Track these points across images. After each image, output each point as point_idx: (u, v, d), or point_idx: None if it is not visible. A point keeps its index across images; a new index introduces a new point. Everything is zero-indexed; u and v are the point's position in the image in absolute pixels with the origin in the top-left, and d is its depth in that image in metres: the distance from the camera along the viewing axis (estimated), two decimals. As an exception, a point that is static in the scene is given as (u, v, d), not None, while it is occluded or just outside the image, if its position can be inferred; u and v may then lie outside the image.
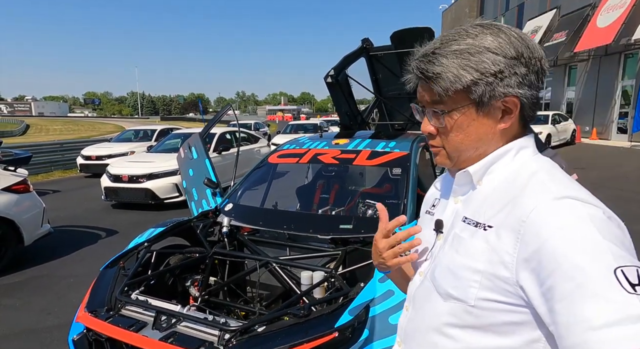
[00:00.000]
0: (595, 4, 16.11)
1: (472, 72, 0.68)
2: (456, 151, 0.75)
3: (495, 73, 0.68)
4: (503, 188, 0.71)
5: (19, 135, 32.47)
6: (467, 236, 0.71)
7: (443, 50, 0.70)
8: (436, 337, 0.74)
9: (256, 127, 19.69)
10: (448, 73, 0.68)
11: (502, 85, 0.68)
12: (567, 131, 15.01)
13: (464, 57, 0.68)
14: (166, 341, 1.59)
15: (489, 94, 0.68)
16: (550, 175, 0.69)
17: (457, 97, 0.70)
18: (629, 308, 0.52)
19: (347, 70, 3.93)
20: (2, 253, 4.27)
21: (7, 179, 4.42)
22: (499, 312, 0.66)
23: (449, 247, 0.75)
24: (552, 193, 0.63)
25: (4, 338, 3.05)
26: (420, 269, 0.84)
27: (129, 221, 6.30)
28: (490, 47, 0.68)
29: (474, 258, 0.68)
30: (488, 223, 0.68)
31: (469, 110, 0.71)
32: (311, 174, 3.73)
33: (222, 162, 7.45)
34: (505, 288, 0.65)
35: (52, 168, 11.90)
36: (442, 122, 0.73)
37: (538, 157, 0.74)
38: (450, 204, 0.81)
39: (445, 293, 0.73)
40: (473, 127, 0.72)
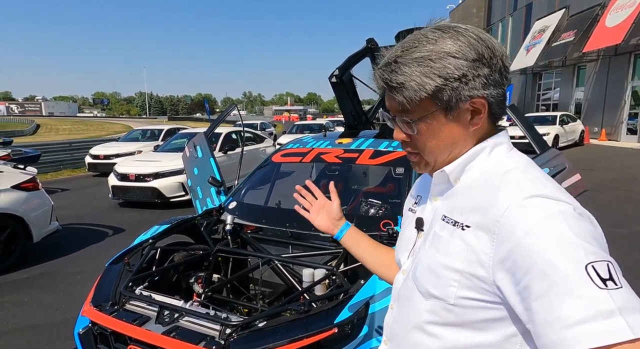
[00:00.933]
0: (605, 4, 15.92)
1: (436, 79, 0.68)
2: (432, 155, 0.75)
3: (459, 77, 0.68)
4: (478, 186, 0.71)
5: (29, 134, 32.93)
6: (447, 235, 0.72)
7: (404, 58, 0.69)
8: (418, 335, 0.75)
9: (262, 127, 19.78)
10: (411, 82, 0.68)
11: (468, 89, 0.68)
12: (575, 131, 14.86)
13: (426, 64, 0.68)
14: (168, 335, 1.62)
15: (455, 98, 0.69)
16: (524, 173, 0.69)
17: (424, 104, 0.70)
18: (600, 303, 0.53)
19: (351, 70, 3.94)
20: (11, 250, 4.36)
21: (17, 177, 4.51)
22: (478, 309, 0.67)
23: (429, 246, 0.76)
24: (524, 192, 0.64)
25: (13, 332, 3.12)
26: (403, 267, 0.84)
27: (136, 219, 6.37)
28: (450, 51, 0.68)
29: (453, 257, 0.69)
30: (466, 223, 0.69)
31: (437, 116, 0.71)
32: (315, 173, 3.74)
33: (227, 162, 7.50)
34: (483, 287, 0.66)
35: (61, 167, 12.07)
36: (413, 130, 0.74)
37: (513, 154, 0.74)
38: (429, 203, 0.82)
39: (425, 292, 0.73)
40: (445, 132, 0.72)
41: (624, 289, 0.55)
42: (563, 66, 18.98)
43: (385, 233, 2.16)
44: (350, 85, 3.98)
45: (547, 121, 14.19)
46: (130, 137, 12.39)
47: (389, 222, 2.29)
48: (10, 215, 4.29)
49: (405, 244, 0.86)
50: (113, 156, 10.43)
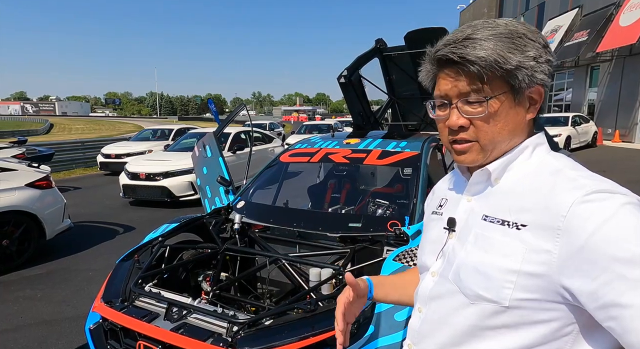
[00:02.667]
0: (619, 3, 15.64)
1: (517, 55, 0.66)
2: (492, 142, 0.71)
3: (535, 57, 0.68)
4: (527, 186, 0.69)
5: (43, 134, 33.55)
6: (497, 236, 0.68)
7: (481, 34, 0.67)
8: (463, 337, 0.72)
9: (271, 127, 19.86)
10: (495, 56, 0.66)
11: (539, 72, 0.68)
12: (588, 133, 14.62)
13: (507, 41, 0.67)
14: (177, 332, 1.64)
15: (528, 80, 0.68)
16: (578, 171, 0.68)
17: (498, 83, 0.68)
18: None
19: (360, 70, 3.94)
20: (25, 246, 4.45)
21: (31, 175, 4.60)
22: (535, 310, 0.65)
23: (472, 247, 0.72)
24: (586, 187, 0.62)
25: (26, 327, 3.18)
26: (432, 269, 0.81)
27: (146, 218, 6.45)
28: (526, 33, 0.68)
29: (508, 258, 0.66)
30: (520, 222, 0.66)
31: (508, 97, 0.69)
32: (322, 173, 3.76)
33: (236, 162, 7.55)
34: (543, 287, 0.63)
35: (74, 166, 12.28)
36: (483, 109, 0.69)
37: (555, 154, 0.74)
38: (463, 203, 0.79)
39: (474, 295, 0.69)
40: (511, 116, 0.70)
41: None
42: (576, 66, 18.68)
43: (392, 233, 2.16)
44: (358, 86, 3.98)
45: (559, 122, 13.99)
46: (141, 137, 12.55)
47: (396, 222, 2.29)
48: (24, 212, 4.39)
49: (431, 246, 0.83)
50: (124, 155, 10.57)
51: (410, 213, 2.41)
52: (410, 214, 2.40)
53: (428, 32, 3.51)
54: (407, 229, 2.17)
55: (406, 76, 4.24)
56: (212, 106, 6.98)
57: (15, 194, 4.34)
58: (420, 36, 3.57)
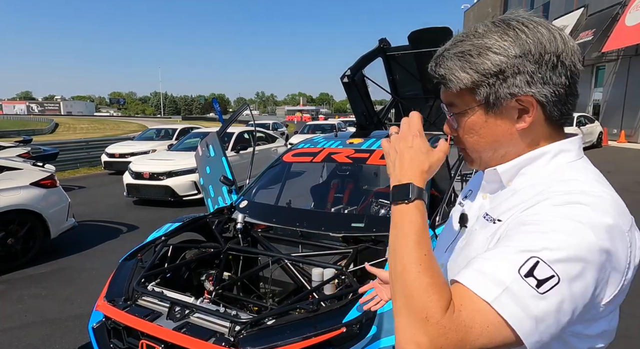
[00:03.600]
0: (625, 2, 15.52)
1: (472, 74, 0.67)
2: (474, 151, 0.74)
3: (496, 74, 0.66)
4: (527, 191, 0.69)
5: (48, 133, 33.75)
6: (481, 230, 0.72)
7: (449, 51, 0.70)
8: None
9: (274, 127, 19.85)
10: (451, 75, 0.69)
11: (506, 86, 0.66)
12: (593, 133, 14.52)
13: (466, 59, 0.67)
14: (179, 331, 1.65)
15: (494, 95, 0.67)
16: (586, 182, 0.65)
17: (466, 99, 0.70)
18: (503, 276, 0.57)
19: (363, 70, 3.93)
20: (30, 245, 4.48)
21: (35, 174, 4.63)
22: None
23: (466, 243, 0.76)
24: (573, 189, 0.62)
25: (31, 325, 3.20)
26: (441, 261, 0.82)
27: (149, 217, 6.47)
28: (491, 47, 0.66)
29: (475, 250, 0.70)
30: (498, 218, 0.69)
31: (478, 111, 0.69)
32: (325, 173, 3.75)
33: (239, 161, 7.56)
34: None
35: (78, 165, 12.35)
36: (454, 124, 0.73)
37: (579, 164, 0.70)
38: (479, 199, 0.81)
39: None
40: (486, 129, 0.70)
41: (540, 295, 0.55)
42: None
43: (395, 234, 2.15)
44: (362, 86, 3.97)
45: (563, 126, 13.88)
46: (145, 136, 12.60)
47: (399, 223, 2.28)
48: (29, 211, 4.42)
49: (445, 237, 0.86)
50: (128, 154, 10.61)
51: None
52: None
53: (432, 32, 3.50)
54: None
55: (410, 76, 4.23)
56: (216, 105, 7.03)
57: (20, 193, 4.37)
58: (424, 36, 3.55)
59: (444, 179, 3.07)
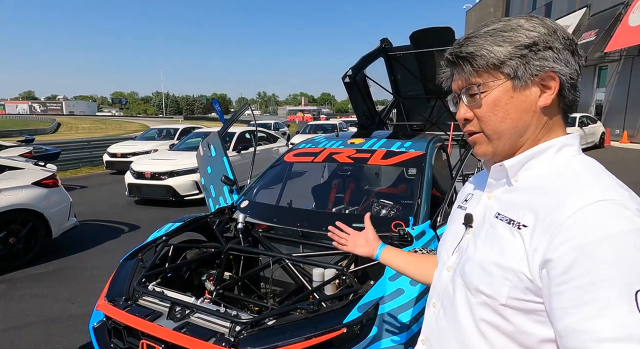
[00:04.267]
0: (628, 2, 15.47)
1: (506, 46, 0.69)
2: (496, 132, 0.72)
3: (529, 45, 0.68)
4: (541, 187, 0.69)
5: (50, 133, 33.86)
6: (502, 233, 0.69)
7: (476, 33, 0.72)
8: (469, 332, 0.73)
9: (276, 127, 19.87)
10: (482, 50, 0.69)
11: (537, 58, 0.68)
12: (595, 133, 14.48)
13: (498, 35, 0.70)
14: (179, 331, 1.64)
15: (523, 68, 0.68)
16: (595, 177, 0.66)
17: (493, 74, 0.70)
18: (637, 328, 0.53)
19: (365, 70, 3.93)
20: (31, 244, 4.49)
21: (37, 174, 4.64)
22: (527, 315, 0.65)
23: (481, 243, 0.73)
24: (595, 196, 0.61)
25: (32, 324, 3.21)
26: (448, 263, 0.82)
27: (150, 217, 6.48)
28: (523, 24, 0.69)
29: (507, 256, 0.67)
30: (522, 222, 0.67)
31: (504, 85, 0.70)
32: (327, 173, 3.75)
33: (241, 161, 7.56)
34: (529, 288, 0.64)
35: (80, 165, 12.37)
36: (478, 99, 0.72)
37: (582, 157, 0.72)
38: (483, 199, 0.80)
39: (475, 289, 0.71)
40: (512, 105, 0.70)
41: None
42: (583, 66, 18.45)
43: (397, 234, 2.14)
44: (363, 86, 3.97)
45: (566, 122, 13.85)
46: (146, 136, 12.61)
47: (400, 223, 2.28)
48: (31, 211, 4.42)
49: (450, 240, 0.85)
50: (130, 154, 10.64)
51: (414, 214, 2.40)
52: (415, 214, 2.38)
53: (433, 32, 3.49)
54: (411, 229, 2.15)
55: (411, 76, 4.22)
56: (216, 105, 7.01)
57: (22, 192, 4.38)
58: (425, 36, 3.55)
59: (445, 179, 3.06)
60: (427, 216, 2.38)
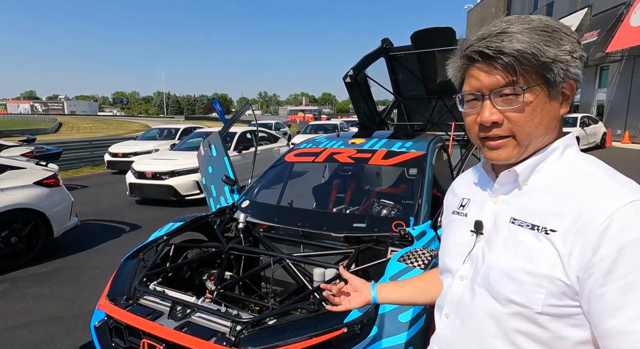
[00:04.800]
0: (630, 2, 15.44)
1: (554, 48, 0.66)
2: (529, 137, 0.69)
3: (571, 52, 0.67)
4: (559, 190, 0.68)
5: (52, 132, 33.92)
6: (526, 239, 0.68)
7: (516, 28, 0.67)
8: (500, 344, 0.70)
9: (277, 127, 19.87)
10: (532, 48, 0.65)
11: (574, 66, 0.68)
12: (596, 134, 14.45)
13: (544, 34, 0.66)
14: (180, 330, 1.65)
15: (563, 74, 0.67)
16: (611, 176, 0.67)
17: (534, 76, 0.67)
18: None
19: (366, 70, 3.93)
20: (33, 244, 4.50)
21: (39, 174, 4.65)
22: (564, 320, 0.65)
23: (501, 251, 0.71)
24: (625, 197, 0.62)
25: (34, 324, 3.22)
26: (461, 273, 0.79)
27: (152, 217, 6.49)
28: (560, 28, 0.68)
29: (539, 263, 0.65)
30: (550, 227, 0.65)
31: (543, 91, 0.68)
32: (327, 173, 3.75)
33: (242, 161, 7.56)
34: (567, 293, 0.64)
35: (81, 164, 12.39)
36: (520, 102, 0.67)
37: (583, 156, 0.73)
38: (489, 205, 0.77)
39: (504, 299, 0.69)
40: (547, 110, 0.69)
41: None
42: (585, 67, 18.15)
43: (397, 234, 2.15)
44: (364, 86, 3.97)
45: (567, 122, 13.82)
46: (147, 136, 12.63)
47: (401, 223, 2.28)
48: (32, 210, 4.43)
49: (456, 248, 0.81)
50: (131, 154, 10.65)
51: (415, 214, 2.40)
52: (415, 214, 2.39)
53: (434, 32, 3.49)
54: (412, 229, 2.15)
55: (412, 76, 4.22)
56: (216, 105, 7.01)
57: (23, 192, 4.39)
58: (426, 36, 3.55)
59: (446, 179, 3.06)
60: (427, 216, 2.39)
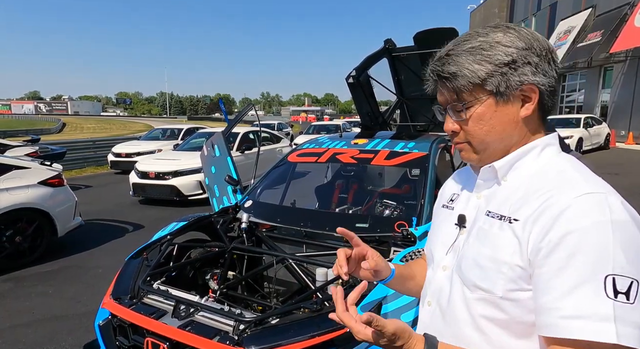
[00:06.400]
0: (634, 2, 15.37)
1: (487, 65, 0.71)
2: (482, 143, 0.76)
3: (509, 63, 0.71)
4: (530, 184, 0.72)
5: (56, 133, 34.09)
6: (493, 229, 0.73)
7: (456, 50, 0.74)
8: (467, 329, 0.75)
9: (279, 127, 19.91)
10: (464, 70, 0.72)
11: (517, 74, 0.71)
12: (600, 135, 14.38)
13: (477, 53, 0.72)
14: (184, 329, 1.66)
15: (505, 84, 0.71)
16: (579, 172, 0.71)
17: (476, 91, 0.73)
18: (600, 308, 0.59)
19: (369, 71, 3.93)
20: (37, 243, 4.53)
21: (43, 173, 4.68)
22: (524, 304, 0.68)
23: (474, 240, 0.76)
24: (582, 189, 0.65)
25: (39, 322, 3.24)
26: (444, 263, 0.83)
27: (155, 216, 6.52)
28: (501, 41, 0.72)
29: (500, 250, 0.70)
30: (513, 217, 0.70)
31: (489, 102, 0.73)
32: (330, 173, 3.76)
33: (244, 161, 7.58)
34: (523, 277, 0.68)
35: (85, 164, 12.46)
36: (463, 115, 0.75)
37: (565, 155, 0.76)
38: (473, 200, 0.82)
39: (472, 285, 0.74)
40: (495, 119, 0.74)
41: (634, 306, 0.59)
42: (588, 67, 18.39)
43: (400, 234, 2.15)
44: (367, 86, 3.97)
45: (571, 123, 13.79)
46: (150, 136, 12.69)
47: (403, 223, 2.28)
48: (36, 210, 4.47)
49: (442, 239, 0.86)
50: (134, 154, 10.70)
51: (417, 214, 2.40)
52: (418, 215, 2.39)
53: (437, 33, 3.49)
54: (415, 230, 2.16)
55: (415, 77, 4.22)
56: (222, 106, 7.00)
57: (28, 191, 4.43)
58: (429, 36, 3.55)
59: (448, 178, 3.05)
60: (430, 217, 2.39)
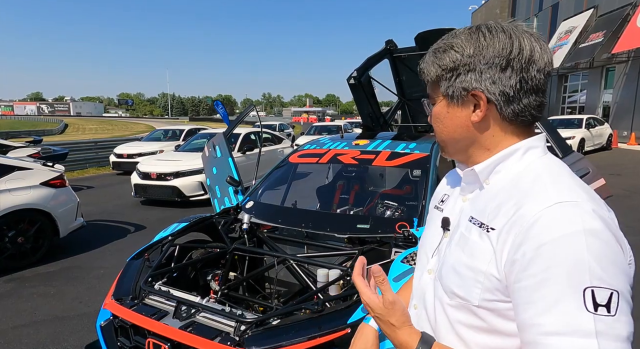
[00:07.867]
0: (636, 3, 15.34)
1: (437, 68, 0.75)
2: (441, 141, 0.81)
3: (451, 69, 0.73)
4: (507, 190, 0.71)
5: (58, 133, 34.23)
6: (473, 236, 0.72)
7: (430, 48, 0.79)
8: (445, 334, 0.75)
9: (280, 128, 19.93)
10: (425, 69, 0.78)
11: (459, 81, 0.73)
12: (602, 135, 14.34)
13: (435, 55, 0.76)
14: (185, 330, 1.66)
15: (451, 88, 0.74)
16: (554, 177, 0.69)
17: (435, 90, 0.78)
18: (581, 323, 0.57)
19: (370, 71, 3.94)
20: (39, 244, 4.54)
21: (45, 174, 4.70)
22: (501, 313, 0.67)
23: (455, 246, 0.75)
24: (551, 199, 0.63)
25: (41, 323, 3.25)
26: (429, 266, 0.83)
27: (156, 217, 6.53)
28: (454, 46, 0.73)
29: (477, 259, 0.69)
30: (491, 225, 0.69)
31: (442, 102, 0.77)
32: (331, 174, 3.76)
33: (246, 162, 7.59)
34: (499, 288, 0.67)
35: (87, 165, 12.50)
36: (428, 111, 0.81)
37: (547, 158, 0.74)
38: (459, 202, 0.81)
39: (450, 292, 0.73)
40: (448, 119, 0.77)
41: (615, 318, 0.57)
42: (590, 68, 18.36)
43: (401, 235, 2.15)
44: (368, 87, 3.98)
45: (573, 124, 13.76)
46: (152, 137, 12.71)
47: (404, 224, 2.28)
48: (39, 210, 4.48)
49: (429, 242, 0.86)
50: (136, 155, 10.72)
51: (418, 215, 2.40)
52: (419, 215, 2.39)
53: (439, 33, 3.48)
54: (416, 230, 2.16)
55: (416, 77, 4.20)
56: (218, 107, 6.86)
57: (30, 192, 4.44)
58: (430, 37, 3.55)
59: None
60: (431, 218, 2.38)
